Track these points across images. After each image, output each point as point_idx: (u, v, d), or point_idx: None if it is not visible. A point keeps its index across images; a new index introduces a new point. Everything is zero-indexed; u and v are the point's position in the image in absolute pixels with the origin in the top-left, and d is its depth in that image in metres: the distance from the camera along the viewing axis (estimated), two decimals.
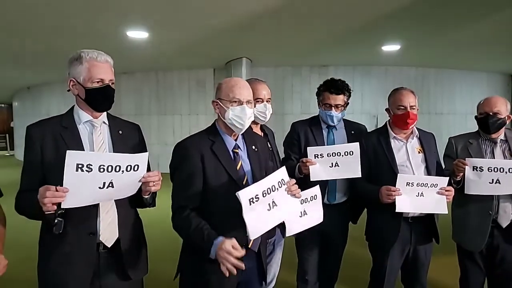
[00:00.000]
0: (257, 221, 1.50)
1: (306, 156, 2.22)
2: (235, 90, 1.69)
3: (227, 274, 1.46)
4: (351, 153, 2.18)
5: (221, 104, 1.70)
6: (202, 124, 1.83)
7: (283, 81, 8.87)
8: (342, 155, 2.19)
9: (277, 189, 1.57)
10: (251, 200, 1.48)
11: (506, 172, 2.08)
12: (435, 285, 3.14)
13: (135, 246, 1.69)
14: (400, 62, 8.34)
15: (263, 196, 1.51)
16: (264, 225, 1.54)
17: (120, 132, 1.67)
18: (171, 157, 1.72)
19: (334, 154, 2.19)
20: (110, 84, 1.58)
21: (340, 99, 2.37)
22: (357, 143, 2.20)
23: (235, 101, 1.68)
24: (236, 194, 1.45)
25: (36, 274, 1.61)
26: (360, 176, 2.20)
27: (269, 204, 1.54)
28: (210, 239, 1.51)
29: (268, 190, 1.54)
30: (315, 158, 2.20)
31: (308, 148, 2.24)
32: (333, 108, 2.37)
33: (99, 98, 1.56)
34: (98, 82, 1.54)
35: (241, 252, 1.47)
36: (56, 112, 1.67)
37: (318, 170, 2.20)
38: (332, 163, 2.20)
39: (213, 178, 1.64)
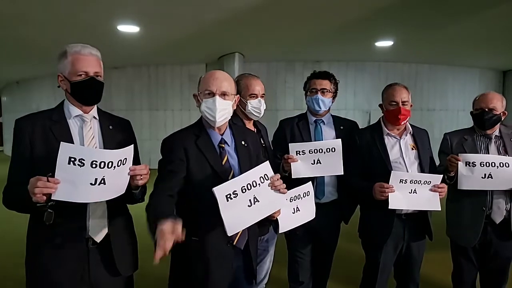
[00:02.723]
0: (236, 217, 1.45)
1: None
2: (208, 81, 1.65)
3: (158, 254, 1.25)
4: (333, 149, 2.14)
5: (198, 98, 1.69)
6: (194, 120, 1.80)
7: (276, 77, 8.84)
8: (324, 152, 2.14)
9: (259, 184, 1.52)
10: (228, 196, 1.44)
11: (497, 166, 2.10)
12: (428, 281, 3.16)
13: (125, 242, 1.68)
14: (393, 58, 8.37)
15: (243, 192, 1.47)
16: (244, 221, 1.50)
17: (111, 127, 1.65)
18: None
19: (316, 151, 2.14)
20: (94, 76, 1.55)
21: (325, 83, 2.35)
22: (339, 140, 2.17)
23: (207, 93, 1.64)
24: (212, 190, 1.41)
25: (23, 270, 1.57)
26: (342, 173, 2.17)
27: (250, 200, 1.49)
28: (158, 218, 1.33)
29: (249, 185, 1.49)
30: (297, 154, 2.15)
31: (290, 144, 2.19)
32: (319, 92, 2.33)
33: (84, 91, 1.54)
34: (81, 75, 1.52)
35: (174, 237, 1.28)
36: (46, 108, 1.65)
37: (300, 167, 2.15)
38: (314, 160, 2.15)
39: (197, 173, 1.61)
